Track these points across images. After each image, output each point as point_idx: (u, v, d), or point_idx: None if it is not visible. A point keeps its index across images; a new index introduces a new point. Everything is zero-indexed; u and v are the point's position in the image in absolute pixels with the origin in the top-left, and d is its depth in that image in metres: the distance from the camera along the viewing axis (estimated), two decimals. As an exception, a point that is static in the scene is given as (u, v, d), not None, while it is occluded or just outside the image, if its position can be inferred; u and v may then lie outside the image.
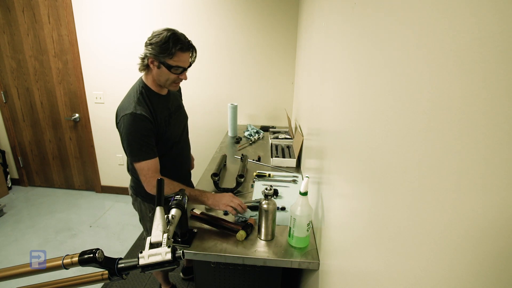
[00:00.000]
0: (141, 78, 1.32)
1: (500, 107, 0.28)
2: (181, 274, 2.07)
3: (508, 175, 0.27)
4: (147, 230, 1.54)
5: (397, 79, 0.51)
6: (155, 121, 1.25)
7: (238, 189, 1.56)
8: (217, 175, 1.59)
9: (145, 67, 1.26)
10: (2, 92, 2.92)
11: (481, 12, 0.31)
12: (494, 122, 0.29)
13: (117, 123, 1.25)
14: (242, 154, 1.89)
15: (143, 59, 1.24)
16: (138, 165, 1.22)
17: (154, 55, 1.19)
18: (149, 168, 1.22)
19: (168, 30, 1.20)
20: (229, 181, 1.68)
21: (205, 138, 2.83)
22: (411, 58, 0.46)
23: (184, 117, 1.54)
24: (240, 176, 1.58)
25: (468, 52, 0.33)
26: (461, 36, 0.34)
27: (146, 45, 1.21)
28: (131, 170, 1.37)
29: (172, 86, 1.30)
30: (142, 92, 1.26)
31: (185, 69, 1.25)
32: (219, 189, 1.54)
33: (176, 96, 1.48)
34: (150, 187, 1.23)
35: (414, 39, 0.46)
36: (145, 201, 1.45)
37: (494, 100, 0.29)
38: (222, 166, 1.77)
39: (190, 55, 1.25)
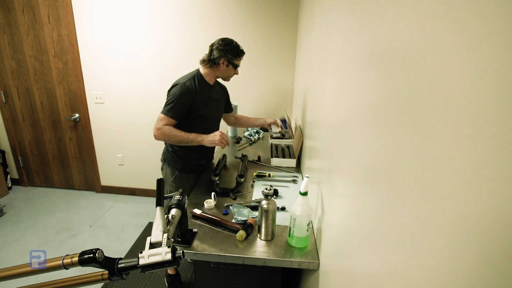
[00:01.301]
0: (198, 69, 1.70)
1: (503, 107, 0.28)
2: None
3: (510, 175, 0.27)
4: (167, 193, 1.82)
5: (398, 78, 0.51)
6: (195, 96, 1.61)
7: (238, 189, 1.56)
8: (217, 175, 1.59)
9: (211, 64, 1.64)
10: (2, 92, 2.92)
11: (486, 11, 0.31)
12: (497, 122, 0.29)
13: (169, 90, 1.63)
14: (242, 154, 1.89)
15: (214, 59, 1.62)
16: (161, 116, 1.57)
17: (228, 57, 1.61)
18: (166, 121, 1.56)
19: (232, 39, 1.65)
20: (229, 181, 1.68)
21: (205, 138, 2.83)
22: (412, 57, 0.46)
23: (220, 109, 1.87)
24: (240, 176, 1.58)
25: (475, 49, 0.33)
26: (465, 33, 0.34)
27: (219, 50, 1.60)
28: None
29: (228, 79, 1.75)
30: (195, 76, 1.65)
31: (239, 67, 1.71)
32: (219, 189, 1.55)
33: (219, 91, 1.84)
34: (157, 132, 1.57)
35: (416, 37, 0.45)
36: (169, 166, 1.76)
37: (497, 101, 0.29)
38: (222, 166, 1.78)
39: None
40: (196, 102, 1.61)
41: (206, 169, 1.85)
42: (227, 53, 1.61)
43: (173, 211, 0.97)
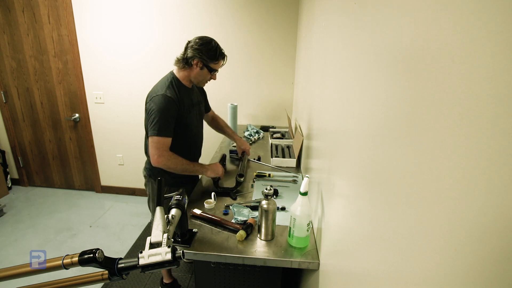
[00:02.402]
0: (172, 72, 1.52)
1: (503, 107, 0.28)
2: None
3: (509, 175, 0.27)
4: (153, 211, 1.68)
5: (397, 78, 0.51)
6: (179, 105, 1.44)
7: (237, 189, 1.56)
8: None
9: (184, 64, 1.46)
10: (2, 92, 2.92)
11: (485, 12, 0.31)
12: (496, 122, 0.29)
13: (146, 103, 1.44)
14: (242, 154, 1.89)
15: (187, 58, 1.44)
16: (156, 139, 1.38)
17: (203, 58, 1.42)
18: (163, 143, 1.39)
19: (212, 39, 1.47)
20: (229, 181, 1.68)
21: (205, 137, 2.82)
22: (412, 57, 0.46)
23: (202, 112, 1.73)
24: (240, 175, 1.58)
25: (472, 50, 0.33)
26: (466, 33, 0.34)
27: (193, 48, 1.42)
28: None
29: (202, 83, 1.57)
30: (172, 82, 1.46)
31: (216, 72, 1.53)
32: (219, 188, 1.55)
33: (198, 93, 1.68)
34: (159, 160, 1.39)
35: (415, 36, 0.45)
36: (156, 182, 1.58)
37: (496, 101, 0.29)
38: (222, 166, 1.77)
39: (223, 62, 1.53)
40: (181, 112, 1.45)
41: (196, 179, 1.74)
42: (202, 54, 1.41)
43: (173, 211, 0.97)
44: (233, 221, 1.28)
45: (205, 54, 1.42)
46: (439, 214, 0.37)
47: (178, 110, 1.43)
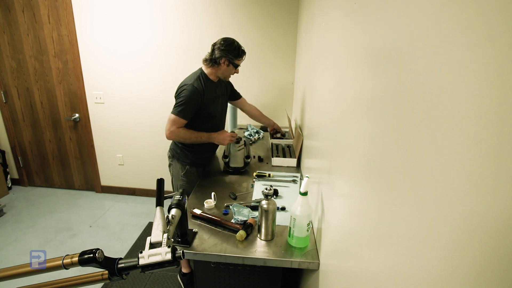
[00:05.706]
0: (201, 68, 1.77)
1: (504, 106, 0.28)
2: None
3: (510, 175, 0.27)
4: (177, 189, 1.92)
5: (398, 78, 0.51)
6: (203, 96, 1.68)
7: (246, 169, 1.80)
8: (226, 157, 1.81)
9: (212, 63, 1.71)
10: (2, 92, 2.91)
11: (486, 10, 0.31)
12: (497, 122, 0.29)
13: (177, 92, 1.68)
14: (245, 141, 1.93)
15: (215, 58, 1.69)
16: (174, 117, 1.63)
17: (229, 57, 1.67)
18: (178, 122, 1.64)
19: (234, 39, 1.72)
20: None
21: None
22: (411, 56, 0.46)
23: (225, 102, 1.98)
24: (247, 157, 1.78)
25: (475, 48, 0.33)
26: (466, 33, 0.34)
27: (220, 50, 1.67)
28: None
29: (228, 78, 1.82)
30: (201, 76, 1.72)
31: (239, 66, 1.78)
32: (230, 168, 1.78)
33: (223, 86, 1.90)
34: (170, 132, 1.65)
35: (414, 36, 0.45)
36: (179, 161, 1.84)
37: (498, 100, 0.29)
38: (229, 150, 1.88)
39: (244, 57, 1.78)
40: (204, 102, 1.68)
41: (211, 162, 1.97)
42: (228, 53, 1.66)
43: (173, 211, 0.97)
44: (233, 221, 1.28)
45: (231, 53, 1.67)
46: (440, 214, 0.37)
47: (201, 100, 1.67)
